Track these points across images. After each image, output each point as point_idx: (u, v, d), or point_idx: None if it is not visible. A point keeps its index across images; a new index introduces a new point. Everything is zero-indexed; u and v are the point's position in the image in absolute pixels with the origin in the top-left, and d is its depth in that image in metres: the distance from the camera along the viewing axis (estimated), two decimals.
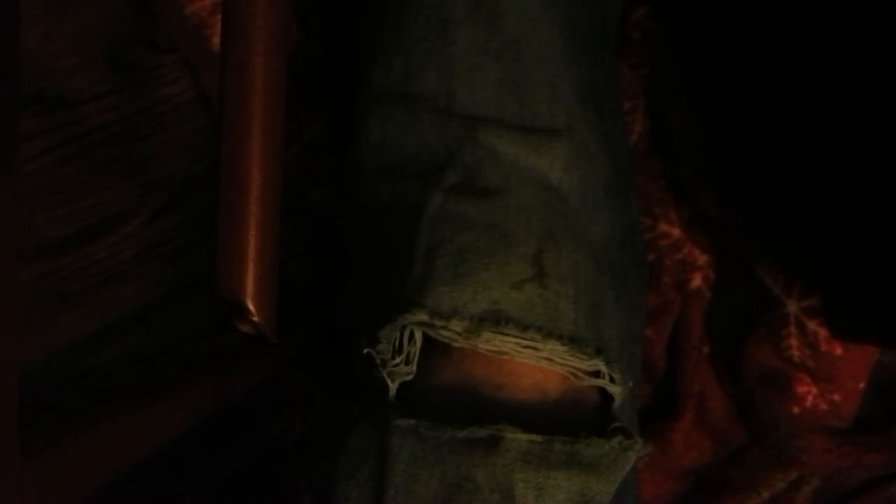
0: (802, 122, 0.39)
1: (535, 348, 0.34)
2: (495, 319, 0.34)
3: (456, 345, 0.34)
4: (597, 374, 0.35)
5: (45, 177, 0.50)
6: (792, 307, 0.44)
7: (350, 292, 0.42)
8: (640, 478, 0.49)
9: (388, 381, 0.35)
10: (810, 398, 0.45)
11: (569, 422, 0.35)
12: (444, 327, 0.34)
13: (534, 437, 0.33)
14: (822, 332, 0.43)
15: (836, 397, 0.45)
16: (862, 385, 0.44)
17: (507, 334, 0.34)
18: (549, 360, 0.35)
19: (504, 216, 0.36)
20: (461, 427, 0.33)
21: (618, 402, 0.36)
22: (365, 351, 0.35)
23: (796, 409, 0.45)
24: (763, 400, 0.46)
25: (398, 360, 0.35)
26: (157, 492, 0.50)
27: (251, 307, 0.37)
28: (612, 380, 0.36)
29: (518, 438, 0.33)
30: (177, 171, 0.53)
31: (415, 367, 0.35)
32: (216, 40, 0.51)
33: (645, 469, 0.49)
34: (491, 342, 0.34)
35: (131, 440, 0.28)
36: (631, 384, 0.37)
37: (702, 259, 0.48)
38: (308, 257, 0.52)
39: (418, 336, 0.35)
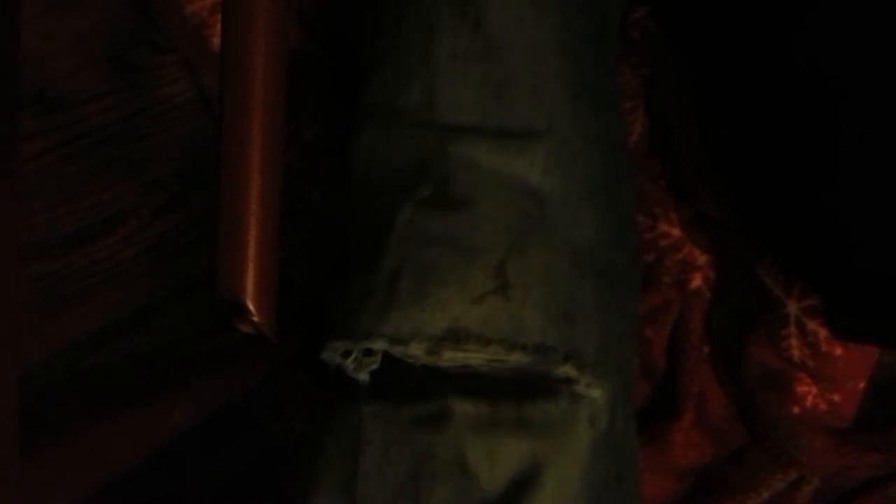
0: (803, 122, 0.39)
1: (500, 361, 0.35)
2: (455, 338, 0.34)
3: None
4: (573, 380, 0.35)
5: (45, 177, 0.50)
6: (792, 307, 0.44)
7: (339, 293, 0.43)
8: (640, 478, 0.49)
9: (357, 377, 0.38)
10: (810, 398, 0.45)
11: (518, 387, 0.36)
12: (405, 351, 0.35)
13: (479, 403, 0.34)
14: (822, 332, 0.43)
15: (836, 397, 0.45)
16: (862, 385, 0.44)
17: (469, 350, 0.35)
18: (517, 369, 0.35)
19: (469, 229, 0.36)
20: (416, 404, 0.35)
21: (599, 401, 0.36)
22: (322, 356, 0.38)
23: (796, 409, 0.45)
24: (763, 400, 0.46)
25: (351, 360, 0.38)
26: (157, 492, 0.50)
27: (251, 307, 0.37)
28: (588, 385, 0.36)
29: (465, 407, 0.34)
30: (177, 171, 0.53)
31: (378, 359, 0.37)
32: (216, 40, 0.51)
33: (645, 469, 0.49)
34: (454, 360, 0.35)
35: (131, 440, 0.28)
36: (617, 384, 0.38)
37: (702, 259, 0.48)
38: (308, 257, 0.52)
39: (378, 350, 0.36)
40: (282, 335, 0.40)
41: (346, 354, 0.37)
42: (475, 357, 0.35)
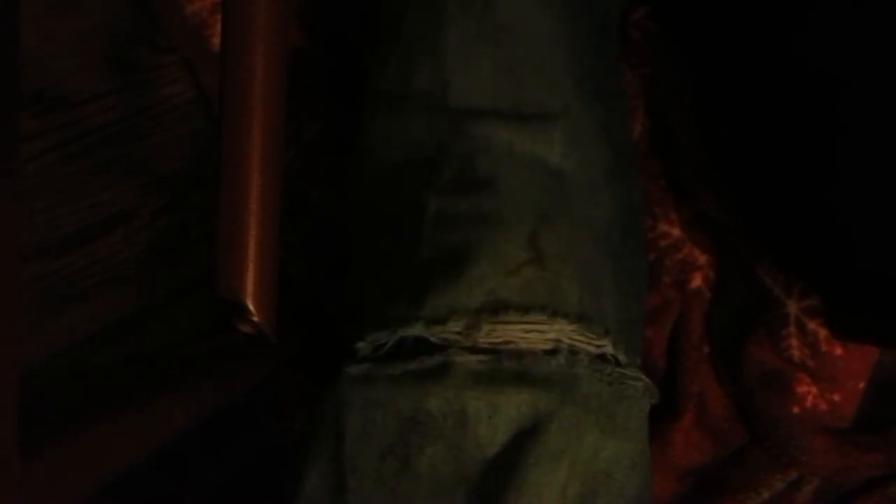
0: (802, 122, 0.39)
1: (540, 331, 0.34)
2: (493, 310, 0.34)
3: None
4: (601, 357, 0.35)
5: (45, 177, 0.50)
6: (792, 307, 0.44)
7: (349, 287, 0.43)
8: None
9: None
10: (810, 398, 0.45)
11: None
12: (442, 331, 0.34)
13: (482, 356, 0.34)
14: (822, 332, 0.43)
15: (836, 397, 0.45)
16: (862, 385, 0.44)
17: (509, 322, 0.34)
18: (557, 340, 0.35)
19: (496, 205, 0.36)
20: (411, 359, 0.34)
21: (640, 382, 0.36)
22: (359, 345, 0.37)
23: (796, 409, 0.45)
24: (763, 400, 0.46)
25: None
26: (157, 492, 0.50)
27: (251, 307, 0.37)
28: (617, 362, 0.36)
29: (467, 359, 0.34)
30: (177, 171, 0.53)
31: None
32: (216, 40, 0.51)
33: None
34: (492, 335, 0.34)
35: (131, 440, 0.28)
36: (638, 361, 0.38)
37: (702, 259, 0.48)
38: (308, 257, 0.52)
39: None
40: (282, 335, 0.40)
41: (380, 346, 0.36)
42: (515, 329, 0.34)
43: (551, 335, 0.35)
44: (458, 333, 0.34)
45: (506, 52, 0.38)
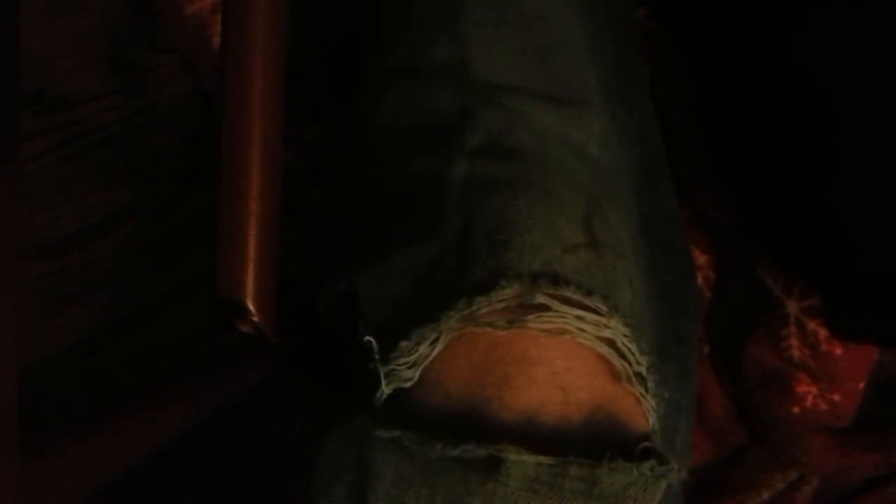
0: (802, 122, 0.39)
1: (597, 323, 0.28)
2: (553, 278, 0.27)
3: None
4: (637, 376, 0.29)
5: (45, 177, 0.50)
6: (792, 307, 0.44)
7: (354, 278, 0.36)
8: None
9: (383, 382, 0.29)
10: (810, 398, 0.45)
11: (587, 443, 0.28)
12: (488, 304, 0.27)
13: (543, 459, 0.27)
14: (822, 332, 0.43)
15: (836, 397, 0.45)
16: (862, 385, 0.44)
17: (568, 298, 0.28)
18: (611, 341, 0.28)
19: (543, 174, 0.30)
20: (454, 444, 0.27)
21: (650, 418, 0.29)
22: (366, 339, 0.30)
23: (796, 409, 0.45)
24: (763, 400, 0.46)
25: (402, 361, 0.29)
26: (157, 492, 0.50)
27: (251, 307, 0.37)
28: (646, 389, 0.29)
29: (524, 461, 0.27)
30: (177, 171, 0.53)
31: (417, 376, 0.29)
32: (216, 40, 0.51)
33: None
34: (543, 318, 0.27)
35: (132, 440, 0.28)
36: (666, 395, 0.31)
37: (702, 259, 0.48)
38: (308, 257, 0.52)
39: (444, 340, 0.28)
40: (282, 335, 0.40)
41: (410, 352, 0.29)
42: (570, 315, 0.27)
43: (607, 333, 0.28)
44: (506, 304, 0.27)
45: (534, 35, 0.34)
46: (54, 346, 0.50)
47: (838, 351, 0.43)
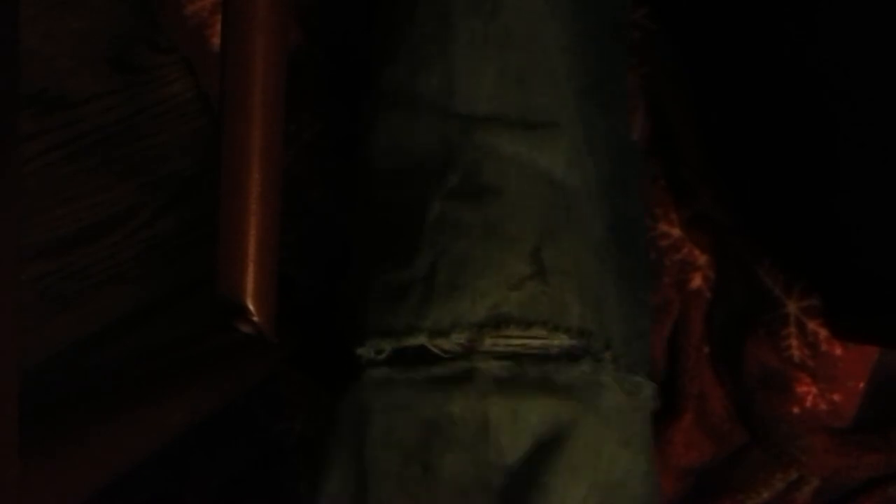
0: (803, 124, 0.39)
1: (542, 346, 0.35)
2: (495, 324, 0.35)
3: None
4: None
5: (45, 177, 0.50)
6: (792, 307, 0.44)
7: (350, 286, 0.42)
8: None
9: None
10: (810, 398, 0.45)
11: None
12: (445, 342, 0.35)
13: (505, 362, 0.34)
14: (822, 332, 0.43)
15: (836, 397, 0.45)
16: (862, 385, 0.44)
17: (510, 336, 0.35)
18: (560, 351, 0.35)
19: (500, 216, 0.36)
20: (434, 364, 0.35)
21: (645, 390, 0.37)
22: (359, 350, 0.37)
23: (796, 409, 0.45)
24: (763, 400, 0.46)
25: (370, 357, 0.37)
26: (157, 492, 0.50)
27: (251, 307, 0.37)
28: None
29: (491, 365, 0.34)
30: (177, 171, 0.53)
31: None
32: (216, 40, 0.51)
33: None
34: (494, 348, 0.35)
35: (132, 440, 0.28)
36: (639, 380, 0.38)
37: (702, 259, 0.48)
38: (308, 257, 0.52)
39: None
40: (282, 335, 0.40)
41: (380, 352, 0.37)
42: (516, 343, 0.35)
43: (552, 351, 0.35)
44: (461, 346, 0.35)
45: (513, 58, 0.38)
46: (54, 346, 0.50)
47: (838, 351, 0.43)
